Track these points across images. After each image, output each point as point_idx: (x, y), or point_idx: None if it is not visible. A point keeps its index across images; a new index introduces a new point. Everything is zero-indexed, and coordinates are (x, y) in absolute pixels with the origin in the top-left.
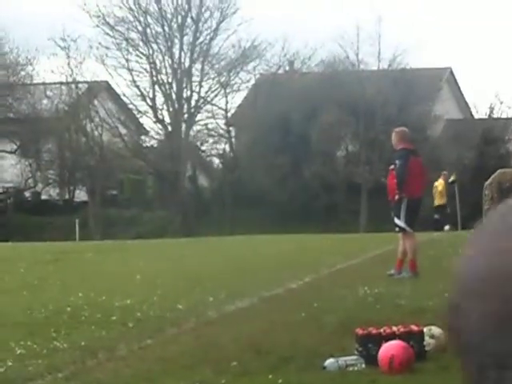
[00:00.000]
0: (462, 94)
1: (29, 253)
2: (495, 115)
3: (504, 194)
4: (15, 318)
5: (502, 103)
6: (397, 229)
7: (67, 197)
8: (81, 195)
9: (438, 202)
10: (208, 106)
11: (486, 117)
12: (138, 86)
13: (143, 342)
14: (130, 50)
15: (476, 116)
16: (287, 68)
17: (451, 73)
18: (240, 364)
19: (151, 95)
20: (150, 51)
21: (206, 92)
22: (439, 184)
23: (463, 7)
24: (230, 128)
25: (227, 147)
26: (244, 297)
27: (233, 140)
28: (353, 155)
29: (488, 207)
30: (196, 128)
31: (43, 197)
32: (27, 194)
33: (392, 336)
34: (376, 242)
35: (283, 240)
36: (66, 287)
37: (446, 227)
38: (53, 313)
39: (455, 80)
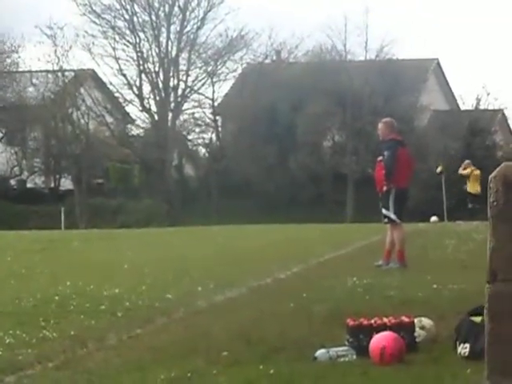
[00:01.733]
0: (449, 85)
1: (15, 241)
2: (482, 106)
3: (510, 187)
4: (3, 307)
5: (488, 94)
6: (385, 220)
7: (53, 185)
8: (66, 184)
9: (477, 189)
10: (195, 95)
11: (473, 108)
12: (124, 75)
13: (133, 332)
14: (117, 38)
15: (462, 107)
16: (274, 58)
17: (438, 64)
18: (231, 354)
19: (138, 84)
20: (137, 40)
21: (193, 81)
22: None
23: None
24: (217, 117)
25: (214, 136)
26: (233, 287)
27: (219, 129)
28: (339, 146)
29: (493, 200)
30: (182, 117)
31: (29, 185)
32: (13, 182)
33: (383, 327)
34: (363, 233)
35: (270, 230)
36: (53, 276)
37: (433, 218)
38: (41, 302)
39: (442, 71)
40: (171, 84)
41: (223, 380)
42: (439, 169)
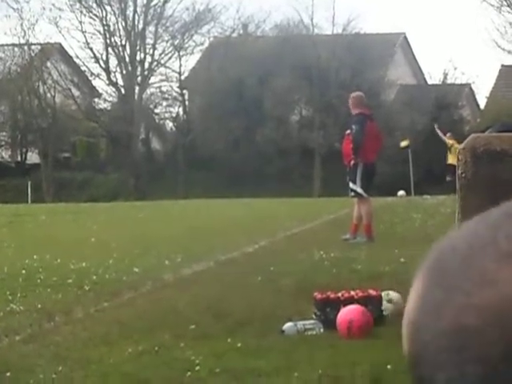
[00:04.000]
0: (416, 60)
1: None
2: (449, 81)
3: (478, 158)
4: None
5: (455, 69)
6: (352, 193)
7: (19, 159)
8: (33, 157)
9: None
10: (161, 69)
11: (440, 82)
12: (91, 48)
13: (100, 305)
14: (84, 11)
15: (429, 82)
16: (241, 31)
17: (405, 38)
18: (198, 327)
19: (104, 57)
20: (104, 13)
21: (160, 55)
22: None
23: None
24: (184, 91)
25: (181, 110)
26: (200, 260)
27: (186, 103)
28: (307, 120)
29: (462, 172)
30: (149, 91)
31: None
32: None
33: (350, 300)
34: (330, 207)
35: (238, 204)
36: (20, 250)
37: (400, 192)
38: (8, 275)
39: (409, 45)
40: (138, 58)
41: (191, 353)
42: (403, 143)
